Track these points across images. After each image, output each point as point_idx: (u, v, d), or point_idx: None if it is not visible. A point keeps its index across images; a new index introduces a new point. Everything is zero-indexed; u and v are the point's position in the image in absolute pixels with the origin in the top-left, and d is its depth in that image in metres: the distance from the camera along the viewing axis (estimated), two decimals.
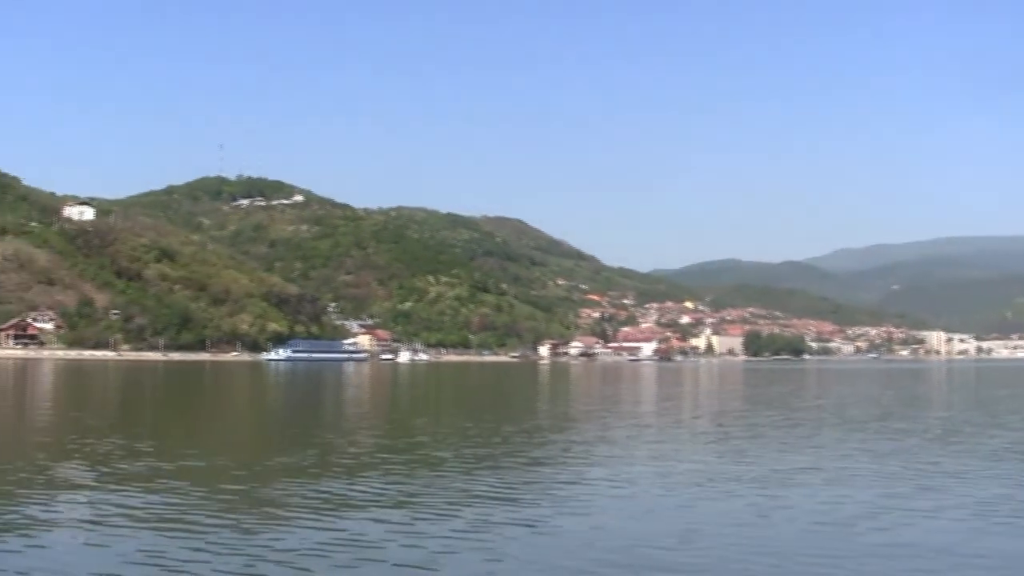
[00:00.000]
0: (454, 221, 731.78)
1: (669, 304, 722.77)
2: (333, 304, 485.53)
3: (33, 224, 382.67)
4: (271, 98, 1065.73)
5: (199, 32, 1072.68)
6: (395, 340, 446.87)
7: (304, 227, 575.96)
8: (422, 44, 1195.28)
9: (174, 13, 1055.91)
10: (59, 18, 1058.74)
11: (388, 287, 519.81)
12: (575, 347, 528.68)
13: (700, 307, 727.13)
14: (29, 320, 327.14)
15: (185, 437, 56.48)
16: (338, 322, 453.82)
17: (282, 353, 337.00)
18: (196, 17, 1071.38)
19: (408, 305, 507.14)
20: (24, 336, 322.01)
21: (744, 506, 30.32)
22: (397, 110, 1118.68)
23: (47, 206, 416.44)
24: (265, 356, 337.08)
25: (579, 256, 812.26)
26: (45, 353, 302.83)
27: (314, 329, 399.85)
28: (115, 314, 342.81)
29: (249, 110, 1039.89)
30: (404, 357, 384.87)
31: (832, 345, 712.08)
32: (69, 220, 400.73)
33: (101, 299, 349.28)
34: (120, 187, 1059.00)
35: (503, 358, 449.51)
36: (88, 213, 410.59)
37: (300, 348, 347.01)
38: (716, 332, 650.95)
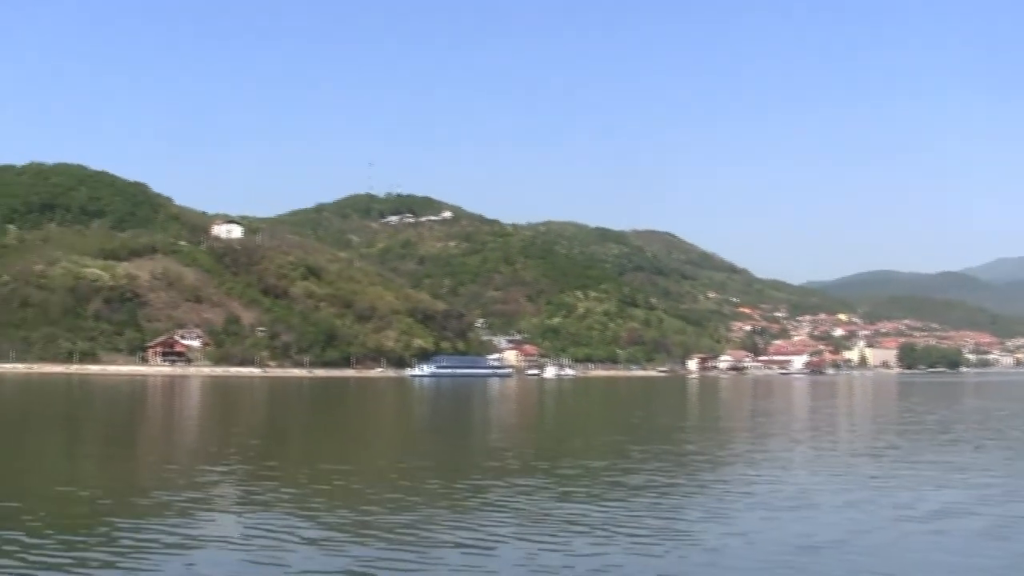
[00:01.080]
0: (603, 236, 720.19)
1: (822, 316, 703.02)
2: (481, 320, 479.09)
3: (182, 243, 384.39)
4: (421, 115, 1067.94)
5: (349, 54, 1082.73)
6: (542, 355, 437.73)
7: (453, 243, 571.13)
8: (571, 61, 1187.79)
9: (323, 37, 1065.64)
10: (213, 44, 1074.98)
11: (537, 302, 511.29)
12: (724, 361, 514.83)
13: (854, 319, 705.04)
14: (176, 337, 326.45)
15: (335, 454, 56.77)
16: (485, 338, 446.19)
17: (426, 369, 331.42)
18: (345, 40, 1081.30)
19: (556, 320, 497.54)
20: (172, 353, 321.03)
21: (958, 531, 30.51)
22: (545, 125, 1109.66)
23: (196, 225, 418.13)
24: (409, 372, 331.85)
25: (731, 269, 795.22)
26: (191, 370, 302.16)
27: (460, 345, 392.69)
28: (261, 331, 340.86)
29: (399, 128, 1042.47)
30: (550, 372, 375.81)
31: (991, 357, 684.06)
32: (217, 239, 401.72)
33: (247, 317, 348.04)
34: (271, 206, 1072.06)
35: (651, 373, 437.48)
36: (236, 231, 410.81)
37: (444, 364, 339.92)
38: (870, 344, 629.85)
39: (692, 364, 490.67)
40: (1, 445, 60.89)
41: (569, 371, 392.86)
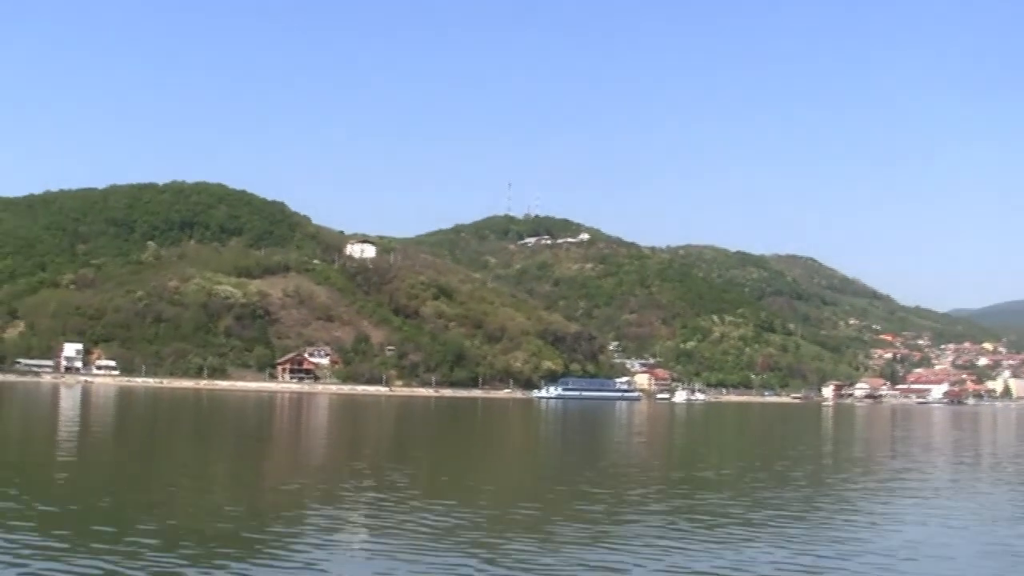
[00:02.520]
0: (743, 260, 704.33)
1: (967, 345, 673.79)
2: (615, 343, 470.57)
3: (316, 261, 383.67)
4: (561, 137, 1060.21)
5: (490, 77, 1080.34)
6: (674, 379, 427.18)
7: (589, 265, 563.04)
8: (717, 87, 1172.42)
9: (466, 60, 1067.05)
10: (356, 65, 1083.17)
11: (671, 326, 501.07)
12: (860, 389, 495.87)
13: (999, 348, 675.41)
14: (305, 355, 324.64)
15: (463, 473, 57.12)
16: (617, 360, 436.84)
17: (552, 391, 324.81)
18: (488, 64, 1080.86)
19: (691, 344, 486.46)
20: (300, 370, 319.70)
21: None
22: (687, 150, 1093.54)
23: (332, 244, 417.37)
24: (536, 394, 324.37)
25: (873, 295, 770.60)
26: (319, 387, 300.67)
27: (590, 367, 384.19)
28: (390, 350, 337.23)
29: (539, 149, 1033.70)
30: (680, 397, 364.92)
31: None
32: (351, 258, 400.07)
33: (377, 335, 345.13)
34: (410, 226, 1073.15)
35: (784, 399, 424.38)
36: (369, 251, 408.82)
37: (571, 386, 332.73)
38: (1016, 375, 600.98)
39: (827, 391, 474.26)
40: (139, 458, 61.24)
41: (700, 395, 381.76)
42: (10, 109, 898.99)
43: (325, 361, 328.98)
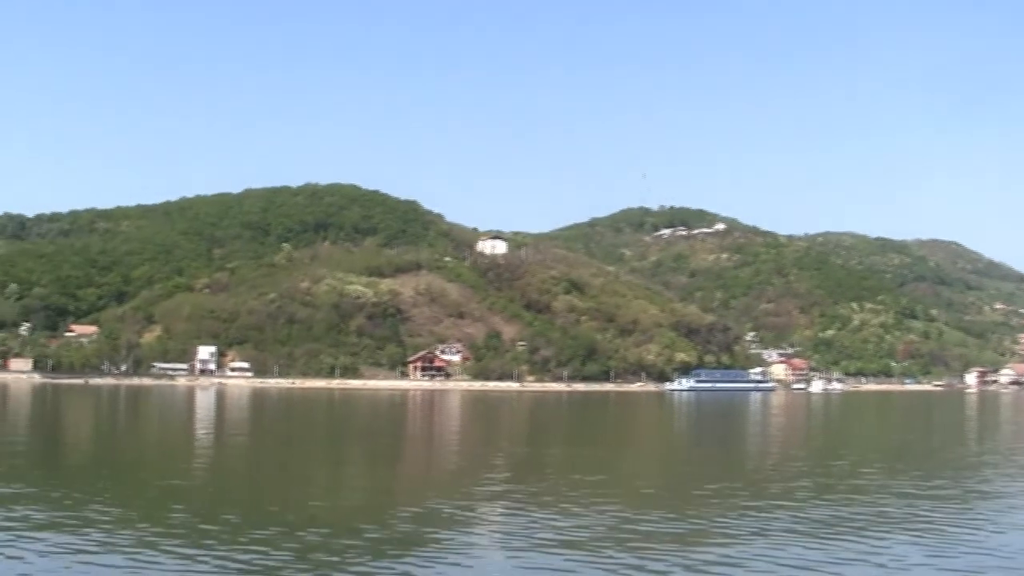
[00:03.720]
0: (884, 246, 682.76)
1: None
2: (752, 333, 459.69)
3: (447, 259, 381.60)
4: (695, 127, 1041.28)
5: (622, 69, 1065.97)
6: (812, 369, 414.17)
7: (725, 256, 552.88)
8: (851, 69, 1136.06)
9: (599, 54, 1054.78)
10: (486, 61, 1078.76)
11: (809, 315, 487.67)
12: (1005, 375, 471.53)
13: None
14: (437, 352, 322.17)
15: (599, 467, 55.11)
16: (753, 351, 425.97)
17: (685, 383, 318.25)
18: (619, 55, 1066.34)
19: (830, 333, 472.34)
20: (431, 368, 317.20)
21: None
22: (826, 132, 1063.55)
23: (465, 241, 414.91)
24: (668, 386, 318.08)
25: (1020, 279, 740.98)
26: (450, 384, 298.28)
27: (725, 359, 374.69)
28: (521, 346, 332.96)
29: (673, 139, 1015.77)
30: (816, 387, 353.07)
31: None
32: (482, 254, 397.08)
33: (509, 331, 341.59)
34: (545, 221, 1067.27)
35: (926, 387, 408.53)
36: (500, 247, 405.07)
37: (703, 378, 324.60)
38: None
39: (970, 378, 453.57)
40: (275, 459, 61.39)
41: (837, 385, 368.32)
42: (147, 119, 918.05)
43: (456, 358, 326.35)
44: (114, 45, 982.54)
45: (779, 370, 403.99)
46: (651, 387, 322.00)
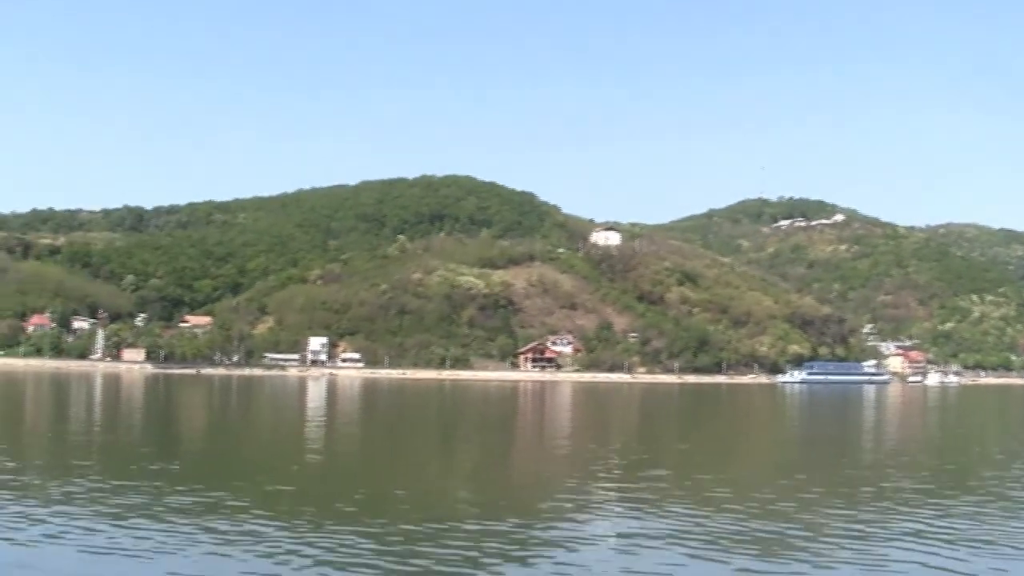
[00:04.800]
0: (1008, 237, 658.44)
1: None
2: (870, 325, 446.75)
3: (560, 250, 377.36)
4: (814, 117, 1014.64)
5: (737, 63, 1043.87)
6: (929, 362, 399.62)
7: (843, 247, 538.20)
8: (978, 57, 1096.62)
9: (710, 49, 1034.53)
10: (606, 53, 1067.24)
11: (928, 307, 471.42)
12: None
13: None
14: (547, 344, 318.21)
15: (710, 462, 54.06)
16: (870, 343, 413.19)
17: (797, 375, 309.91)
18: (734, 49, 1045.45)
19: (949, 326, 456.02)
20: (542, 359, 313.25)
21: None
22: (942, 123, 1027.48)
23: (579, 232, 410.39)
24: (780, 378, 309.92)
25: None
26: (560, 375, 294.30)
27: (839, 351, 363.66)
28: (633, 337, 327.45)
29: (792, 130, 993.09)
30: (933, 379, 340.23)
31: None
32: (595, 245, 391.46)
33: (620, 323, 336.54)
34: (662, 212, 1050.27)
35: None
36: (614, 238, 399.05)
37: (815, 370, 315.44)
38: None
39: None
40: (387, 449, 61.05)
41: (954, 378, 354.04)
42: (263, 112, 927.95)
43: (567, 349, 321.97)
44: (230, 38, 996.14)
45: (895, 363, 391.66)
46: (763, 379, 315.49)
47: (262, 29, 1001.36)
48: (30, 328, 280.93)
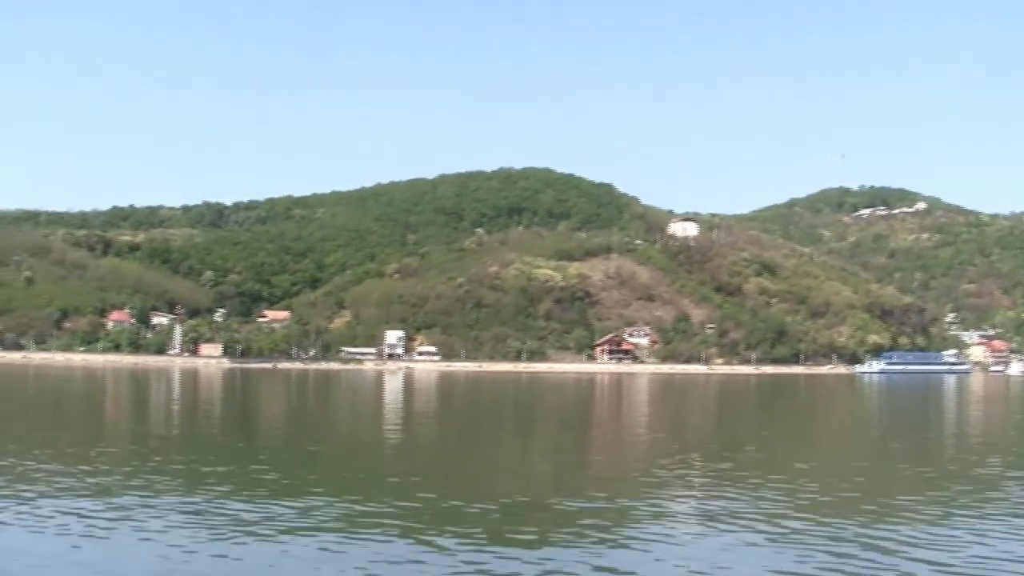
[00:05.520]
0: None
1: None
2: (952, 315, 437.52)
3: (638, 242, 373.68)
4: (895, 105, 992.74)
5: (816, 48, 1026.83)
6: (1012, 351, 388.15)
7: (925, 235, 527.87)
8: None
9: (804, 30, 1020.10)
10: (670, 42, 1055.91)
11: (1012, 296, 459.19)
12: None
13: None
14: (624, 336, 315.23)
15: (789, 455, 51.18)
16: (951, 333, 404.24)
17: (875, 366, 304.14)
18: (815, 33, 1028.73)
19: None
20: (619, 351, 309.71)
21: None
22: (1018, 104, 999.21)
23: (657, 224, 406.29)
24: (858, 369, 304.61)
25: None
26: (637, 367, 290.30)
27: (919, 341, 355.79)
28: (710, 328, 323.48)
29: (875, 117, 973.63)
30: (1015, 369, 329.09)
31: None
32: (673, 237, 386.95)
33: (698, 314, 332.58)
34: (744, 203, 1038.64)
35: None
36: (692, 229, 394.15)
37: (894, 360, 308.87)
38: None
39: None
40: (465, 441, 60.08)
41: None
42: (342, 107, 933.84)
43: (644, 341, 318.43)
44: (307, 31, 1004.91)
45: (977, 352, 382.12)
46: (841, 370, 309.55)
47: (340, 23, 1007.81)
48: (109, 324, 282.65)
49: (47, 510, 28.24)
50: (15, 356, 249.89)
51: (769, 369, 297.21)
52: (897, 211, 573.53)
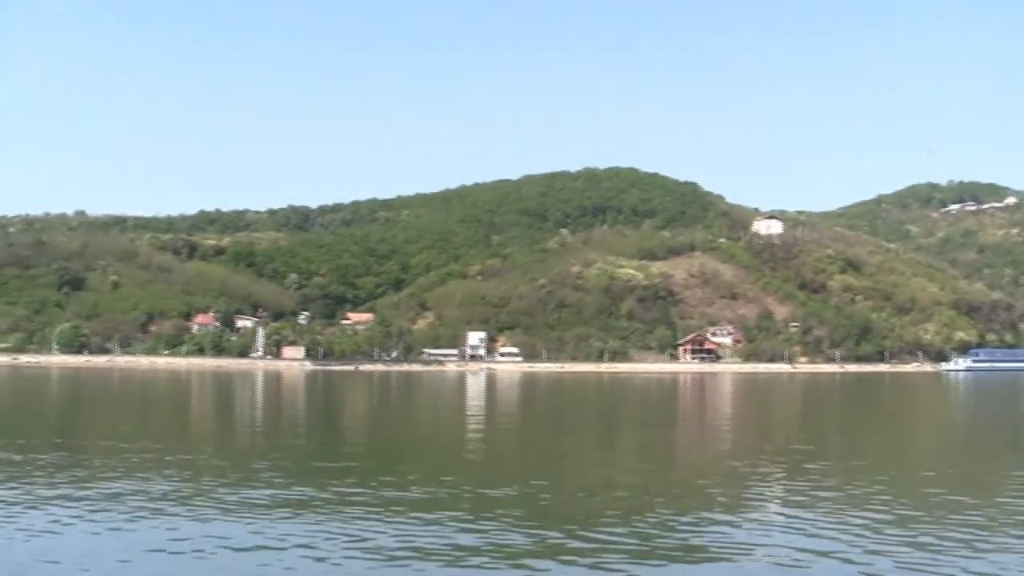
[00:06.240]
0: None
1: None
2: None
3: (721, 240, 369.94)
4: (986, 92, 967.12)
5: (908, 47, 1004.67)
6: None
7: (1015, 231, 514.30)
8: None
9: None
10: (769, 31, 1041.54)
11: None
12: None
13: None
14: (707, 335, 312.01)
15: (876, 456, 50.94)
16: None
17: (961, 363, 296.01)
18: (905, 31, 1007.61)
19: None
20: (701, 350, 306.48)
21: None
22: None
23: (742, 221, 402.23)
24: (944, 367, 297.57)
25: None
26: (719, 367, 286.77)
27: (1008, 337, 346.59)
28: (794, 326, 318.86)
29: (963, 112, 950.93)
30: None
31: None
32: (756, 234, 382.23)
33: (781, 312, 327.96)
34: (831, 199, 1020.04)
35: None
36: (776, 227, 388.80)
37: (981, 358, 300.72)
38: None
39: None
40: (556, 440, 60.41)
41: None
42: (425, 109, 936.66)
43: (727, 340, 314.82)
44: (391, 38, 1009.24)
45: None
46: (927, 367, 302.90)
47: (423, 23, 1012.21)
48: (194, 327, 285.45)
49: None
50: (100, 360, 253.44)
51: (853, 367, 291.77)
52: (987, 206, 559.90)
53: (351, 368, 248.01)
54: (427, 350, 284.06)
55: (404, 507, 30.26)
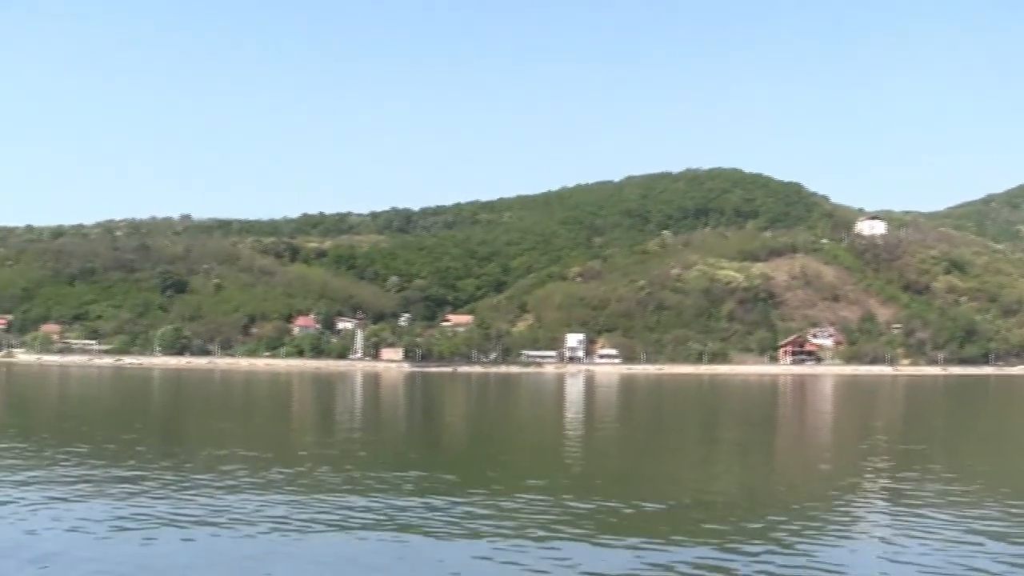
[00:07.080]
0: None
1: None
2: None
3: (824, 241, 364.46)
4: None
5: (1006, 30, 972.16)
6: None
7: None
8: None
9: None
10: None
11: None
12: None
13: None
14: (808, 336, 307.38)
15: (980, 458, 50.97)
16: None
17: None
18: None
19: None
20: (802, 352, 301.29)
21: None
22: None
23: (846, 222, 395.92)
24: None
25: None
26: (820, 369, 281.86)
27: None
28: (896, 328, 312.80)
29: None
30: None
31: None
32: (859, 235, 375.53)
33: (884, 314, 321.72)
34: (939, 199, 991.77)
35: None
36: (879, 227, 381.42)
37: None
38: None
39: None
40: (656, 442, 61.22)
41: None
42: (527, 111, 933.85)
43: (828, 342, 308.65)
44: (496, 43, 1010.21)
45: None
46: None
47: (528, 28, 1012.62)
48: (295, 329, 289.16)
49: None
50: (201, 361, 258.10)
51: (957, 370, 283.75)
52: None
53: (449, 370, 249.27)
54: (526, 352, 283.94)
55: (512, 520, 29.58)
